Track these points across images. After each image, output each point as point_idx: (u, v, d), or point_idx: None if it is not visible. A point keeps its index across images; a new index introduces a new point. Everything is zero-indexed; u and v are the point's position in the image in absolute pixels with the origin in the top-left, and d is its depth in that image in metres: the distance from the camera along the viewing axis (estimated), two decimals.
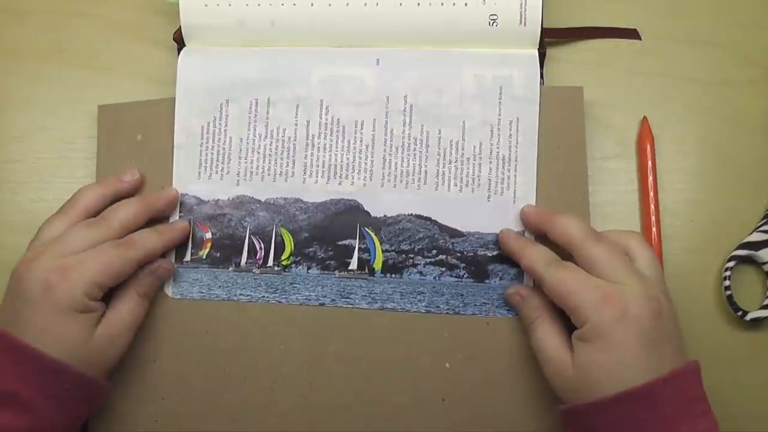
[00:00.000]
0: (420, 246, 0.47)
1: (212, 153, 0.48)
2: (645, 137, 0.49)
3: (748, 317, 0.46)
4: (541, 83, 0.47)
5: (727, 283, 0.47)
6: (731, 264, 0.47)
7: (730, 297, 0.47)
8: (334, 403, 0.46)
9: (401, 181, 0.47)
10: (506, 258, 0.46)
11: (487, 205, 0.47)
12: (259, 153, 0.48)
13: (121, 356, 0.43)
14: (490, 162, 0.47)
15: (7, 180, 0.51)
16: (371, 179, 0.47)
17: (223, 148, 0.48)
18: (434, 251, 0.47)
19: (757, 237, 0.47)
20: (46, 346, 0.39)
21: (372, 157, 0.47)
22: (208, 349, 0.47)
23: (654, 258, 0.42)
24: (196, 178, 0.48)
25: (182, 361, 0.47)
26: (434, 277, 0.47)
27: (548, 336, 0.42)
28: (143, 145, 0.48)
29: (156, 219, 0.47)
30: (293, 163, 0.48)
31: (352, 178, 0.47)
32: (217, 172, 0.48)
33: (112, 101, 0.49)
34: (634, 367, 0.37)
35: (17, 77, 0.51)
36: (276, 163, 0.48)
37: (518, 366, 0.46)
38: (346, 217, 0.47)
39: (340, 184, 0.47)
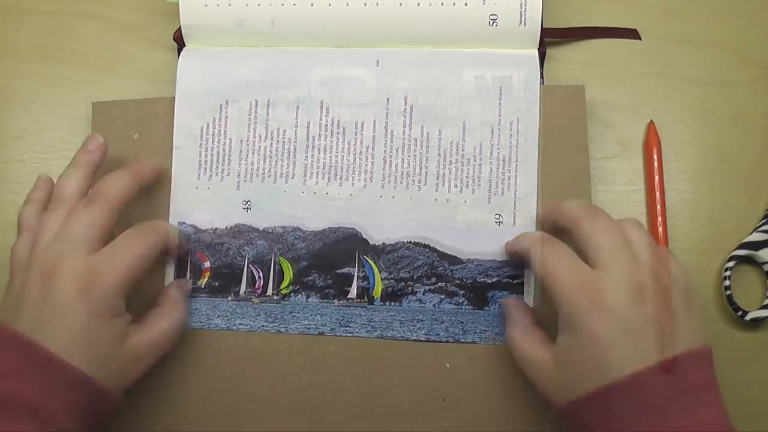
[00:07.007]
0: (419, 273, 0.47)
1: (212, 154, 0.48)
2: (652, 141, 0.48)
3: (748, 317, 0.47)
4: (541, 83, 0.47)
5: (727, 283, 0.47)
6: (731, 264, 0.47)
7: (730, 297, 0.47)
8: (334, 403, 0.46)
9: (401, 183, 0.47)
10: (506, 284, 0.46)
11: (488, 231, 0.46)
12: (259, 154, 0.48)
13: (141, 378, 0.42)
14: (491, 162, 0.47)
15: (8, 180, 0.51)
16: (371, 180, 0.47)
17: (223, 150, 0.48)
18: (433, 278, 0.47)
19: (757, 237, 0.48)
20: (75, 353, 0.38)
21: (372, 158, 0.47)
22: (208, 350, 0.47)
23: (648, 241, 0.39)
24: (196, 180, 0.48)
25: (182, 362, 0.47)
26: (434, 305, 0.47)
27: (526, 337, 0.42)
28: (140, 143, 0.48)
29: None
30: (293, 165, 0.48)
31: (353, 180, 0.47)
32: (217, 174, 0.48)
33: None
34: (611, 361, 0.35)
35: (18, 77, 0.51)
36: (276, 165, 0.48)
37: (519, 366, 0.46)
38: (345, 245, 0.47)
39: (340, 185, 0.47)
